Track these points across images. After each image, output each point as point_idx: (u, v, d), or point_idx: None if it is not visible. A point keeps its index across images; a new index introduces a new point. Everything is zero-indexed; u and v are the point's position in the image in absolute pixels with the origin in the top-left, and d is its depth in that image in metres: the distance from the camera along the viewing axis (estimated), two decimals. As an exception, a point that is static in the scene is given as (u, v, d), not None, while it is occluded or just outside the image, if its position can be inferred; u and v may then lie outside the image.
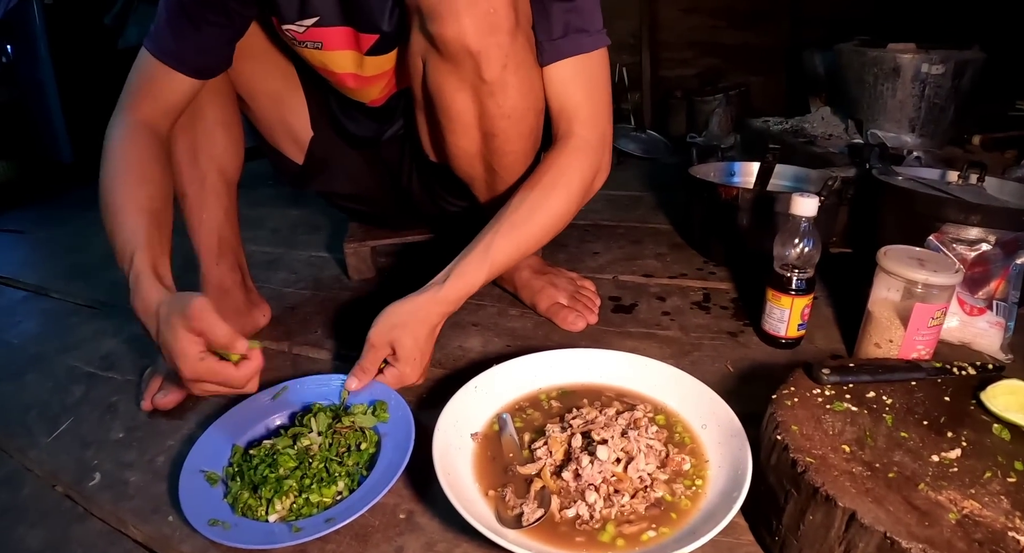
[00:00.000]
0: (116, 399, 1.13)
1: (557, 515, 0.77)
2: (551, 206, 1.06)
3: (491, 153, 1.11)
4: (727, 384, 1.11)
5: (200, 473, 0.88)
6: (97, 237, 2.03)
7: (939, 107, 2.05)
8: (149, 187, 0.97)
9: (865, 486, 0.68)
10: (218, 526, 0.80)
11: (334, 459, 0.90)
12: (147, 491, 0.92)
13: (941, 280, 1.02)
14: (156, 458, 0.98)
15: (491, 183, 1.19)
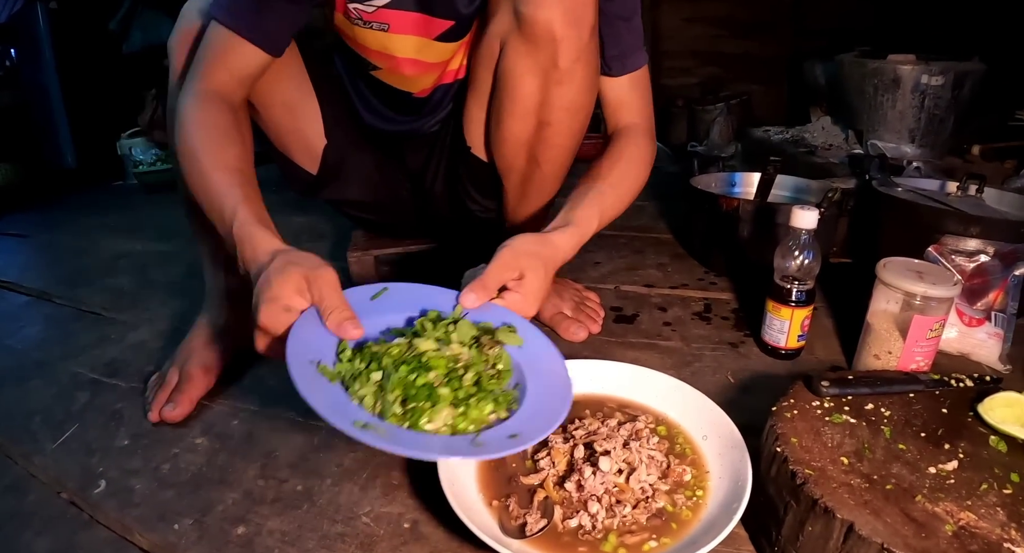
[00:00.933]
0: (121, 406, 1.14)
1: (560, 525, 0.79)
2: (636, 174, 1.14)
3: (540, 142, 1.15)
4: (728, 395, 1.11)
5: (311, 364, 0.73)
6: (97, 240, 2.06)
7: (939, 118, 2.07)
8: (236, 148, 0.97)
9: (863, 498, 0.69)
10: (370, 431, 0.67)
11: (489, 372, 0.80)
12: (153, 499, 0.92)
13: (939, 292, 1.03)
14: (162, 466, 0.98)
15: (528, 176, 1.21)
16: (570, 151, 1.20)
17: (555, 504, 0.81)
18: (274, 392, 1.17)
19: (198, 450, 1.02)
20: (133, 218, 2.28)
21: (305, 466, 0.98)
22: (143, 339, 1.36)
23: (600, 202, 1.05)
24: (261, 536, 0.85)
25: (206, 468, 0.98)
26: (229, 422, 1.08)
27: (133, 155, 2.62)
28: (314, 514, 0.88)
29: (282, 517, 0.88)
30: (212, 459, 1.00)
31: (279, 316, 0.75)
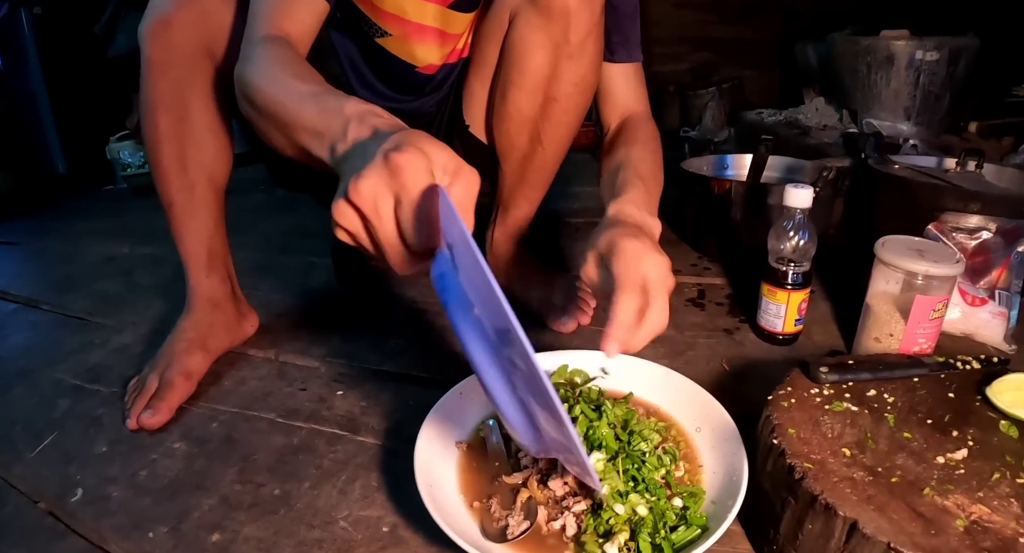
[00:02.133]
0: (101, 412, 1.09)
1: (544, 527, 0.73)
2: (658, 155, 1.09)
3: (545, 120, 1.12)
4: (723, 384, 1.06)
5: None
6: (85, 245, 2.02)
7: (934, 95, 2.01)
8: (311, 72, 0.82)
9: (867, 493, 0.63)
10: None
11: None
12: (129, 506, 0.88)
13: (942, 271, 0.98)
14: (139, 472, 0.94)
15: (529, 156, 1.18)
16: (573, 131, 1.17)
17: (539, 504, 0.75)
18: (255, 393, 1.12)
19: (176, 455, 0.97)
20: (122, 222, 2.24)
21: (283, 469, 0.93)
22: (126, 343, 1.32)
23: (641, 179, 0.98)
24: (236, 543, 0.80)
25: (183, 474, 0.94)
26: (208, 425, 1.04)
27: (122, 158, 2.57)
28: (291, 519, 0.84)
29: (258, 523, 0.84)
30: (190, 464, 0.95)
31: (423, 173, 0.55)
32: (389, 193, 0.55)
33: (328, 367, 1.19)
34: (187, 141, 1.10)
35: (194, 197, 1.13)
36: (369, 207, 0.55)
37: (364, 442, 0.98)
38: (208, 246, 1.17)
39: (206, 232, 1.17)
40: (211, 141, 1.13)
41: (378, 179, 0.54)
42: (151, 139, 1.09)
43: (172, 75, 1.05)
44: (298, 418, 1.05)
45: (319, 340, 1.29)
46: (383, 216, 0.55)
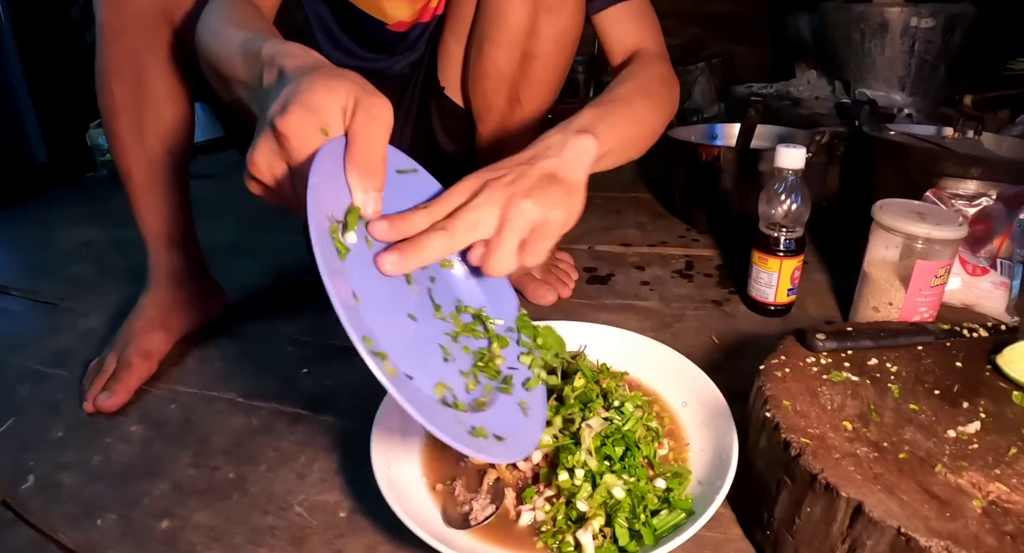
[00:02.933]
0: (60, 397, 1.02)
1: (512, 511, 0.65)
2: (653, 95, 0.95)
3: (523, 78, 1.04)
4: (712, 358, 0.99)
5: (327, 222, 0.54)
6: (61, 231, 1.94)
7: (929, 64, 1.93)
8: (255, 20, 0.76)
9: (873, 471, 0.55)
10: (380, 360, 0.52)
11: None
12: (80, 494, 0.82)
13: (944, 234, 0.90)
14: (93, 457, 0.87)
15: (506, 118, 1.10)
16: (554, 90, 1.09)
17: (507, 487, 0.66)
18: (218, 373, 1.05)
19: (132, 439, 0.90)
20: (98, 207, 2.15)
21: (240, 452, 0.86)
22: (92, 327, 1.25)
23: (607, 111, 0.82)
24: (186, 531, 0.74)
25: (138, 458, 0.87)
26: (166, 408, 0.97)
27: (101, 144, 2.48)
28: (244, 505, 0.77)
29: (210, 509, 0.77)
30: (145, 448, 0.89)
31: (312, 134, 0.52)
32: (281, 161, 0.53)
33: (296, 346, 1.11)
34: (144, 110, 1.01)
35: (153, 168, 1.05)
36: (267, 178, 0.55)
37: (326, 422, 0.91)
38: (169, 220, 1.09)
39: (166, 205, 1.08)
40: (170, 110, 1.04)
41: (268, 151, 0.53)
42: (106, 108, 1.01)
43: (127, 41, 0.97)
44: (259, 398, 0.97)
45: (289, 318, 1.21)
46: (283, 185, 0.55)
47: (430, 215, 0.61)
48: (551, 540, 0.60)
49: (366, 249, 0.60)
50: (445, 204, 0.62)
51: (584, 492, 0.61)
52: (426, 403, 0.55)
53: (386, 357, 0.53)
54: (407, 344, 0.59)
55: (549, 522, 0.62)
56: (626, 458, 0.64)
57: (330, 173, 0.54)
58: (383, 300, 0.59)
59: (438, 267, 0.72)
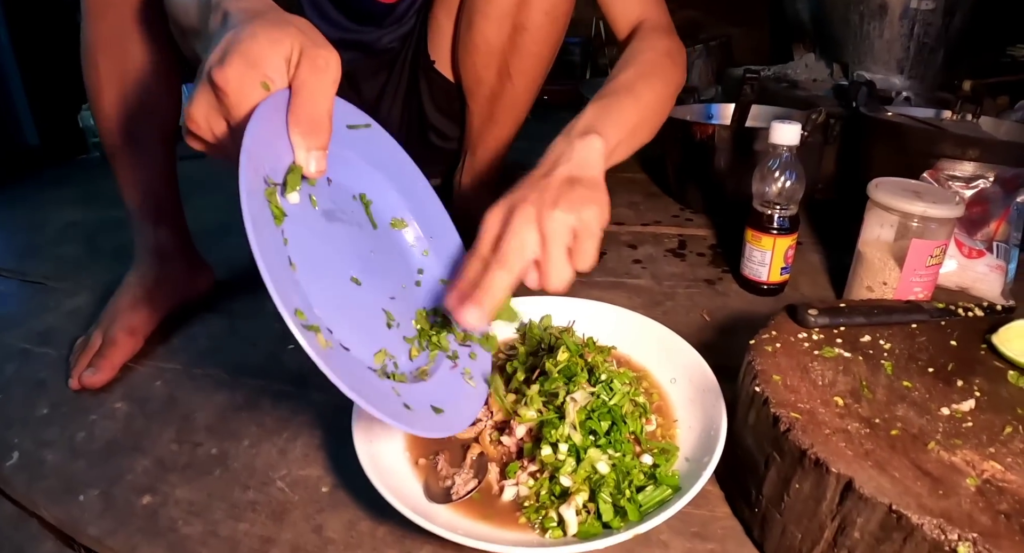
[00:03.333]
0: (46, 375, 1.00)
1: (495, 486, 0.63)
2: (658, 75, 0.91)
3: (514, 51, 1.02)
4: (703, 336, 0.97)
5: (263, 184, 0.52)
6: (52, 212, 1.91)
7: (929, 47, 1.90)
8: None
9: (864, 447, 0.53)
10: (313, 334, 0.50)
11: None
12: (62, 470, 0.80)
13: (941, 212, 0.88)
14: (77, 434, 0.86)
15: (498, 92, 1.07)
16: (545, 64, 1.06)
17: (491, 462, 0.65)
18: (203, 350, 1.03)
19: (116, 416, 0.89)
20: (89, 188, 2.13)
21: (223, 428, 0.85)
22: (79, 305, 1.23)
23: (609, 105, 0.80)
24: (167, 506, 0.73)
25: (121, 435, 0.85)
26: (152, 384, 0.95)
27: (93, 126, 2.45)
28: (226, 480, 0.76)
29: (192, 485, 0.76)
30: (129, 425, 0.87)
31: (252, 88, 0.50)
32: (220, 117, 0.51)
33: (282, 323, 1.08)
34: (129, 85, 0.99)
35: (138, 144, 1.02)
36: (207, 134, 0.52)
37: (311, 398, 0.89)
38: (155, 196, 1.06)
39: (152, 181, 1.05)
40: (155, 85, 1.01)
41: (206, 105, 0.50)
42: (92, 84, 0.98)
43: (112, 17, 0.94)
44: (244, 374, 0.95)
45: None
46: (223, 142, 0.52)
47: (479, 257, 0.61)
48: (534, 515, 0.59)
49: (309, 210, 0.57)
50: (486, 241, 0.61)
51: (568, 467, 0.59)
52: (362, 376, 0.54)
53: (318, 330, 0.50)
54: (348, 310, 0.58)
55: (532, 497, 0.60)
56: (612, 433, 0.62)
57: (271, 130, 0.51)
58: (323, 265, 0.58)
59: (388, 226, 0.70)
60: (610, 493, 0.57)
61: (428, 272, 0.74)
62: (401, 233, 0.72)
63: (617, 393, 0.66)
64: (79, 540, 0.70)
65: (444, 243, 0.76)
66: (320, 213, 0.60)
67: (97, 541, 0.69)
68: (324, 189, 0.62)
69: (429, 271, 0.74)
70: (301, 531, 0.67)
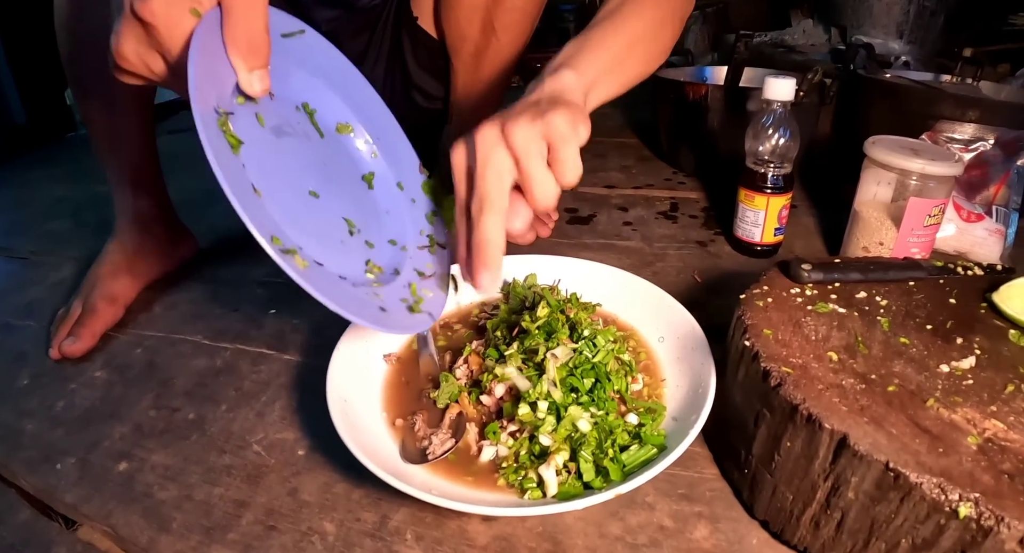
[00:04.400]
0: (27, 347, 0.98)
1: (474, 447, 0.60)
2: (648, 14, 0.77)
3: (497, 5, 0.97)
4: (693, 296, 0.94)
5: (215, 116, 0.50)
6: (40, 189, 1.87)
7: (929, 11, 1.85)
8: None
9: (859, 403, 0.50)
10: (290, 257, 0.49)
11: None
12: (40, 439, 0.78)
13: (940, 170, 0.85)
14: (56, 404, 0.84)
15: (482, 48, 1.03)
16: (531, 18, 1.01)
17: (470, 421, 0.61)
18: (184, 317, 1.00)
19: (95, 384, 0.87)
20: (76, 165, 2.09)
21: (201, 392, 0.82)
22: (63, 278, 1.20)
23: (586, 39, 0.71)
24: (143, 472, 0.71)
25: (100, 402, 0.83)
26: (132, 352, 0.92)
27: (80, 103, 2.41)
28: (202, 445, 0.74)
29: (168, 450, 0.73)
30: (108, 392, 0.85)
31: (182, 17, 0.47)
32: (154, 52, 0.48)
33: (265, 288, 1.06)
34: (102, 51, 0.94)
35: (115, 111, 0.98)
36: (142, 70, 0.49)
37: (290, 361, 0.86)
38: (134, 163, 1.03)
39: (130, 147, 1.02)
40: None
41: (135, 40, 0.48)
42: (65, 51, 0.94)
43: None
44: (224, 339, 0.92)
45: (259, 262, 1.15)
46: (162, 76, 0.50)
47: (463, 209, 0.58)
48: (513, 476, 0.55)
49: (259, 130, 0.55)
50: (461, 182, 0.59)
51: (548, 426, 0.56)
52: (340, 288, 0.53)
53: (295, 252, 0.49)
54: (312, 225, 0.57)
55: (511, 457, 0.57)
56: (595, 391, 0.59)
57: (210, 57, 0.49)
58: (283, 185, 0.56)
59: (335, 133, 0.68)
60: (592, 452, 0.54)
61: (380, 175, 0.71)
62: (348, 138, 0.69)
63: (601, 350, 0.62)
64: (56, 508, 0.68)
65: (391, 142, 0.74)
66: (269, 130, 0.57)
67: (72, 508, 0.67)
68: (268, 105, 0.59)
69: (381, 174, 0.71)
70: (276, 494, 0.65)
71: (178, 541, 0.61)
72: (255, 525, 0.62)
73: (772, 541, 0.56)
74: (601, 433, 0.56)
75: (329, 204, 0.61)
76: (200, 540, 0.61)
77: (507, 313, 0.75)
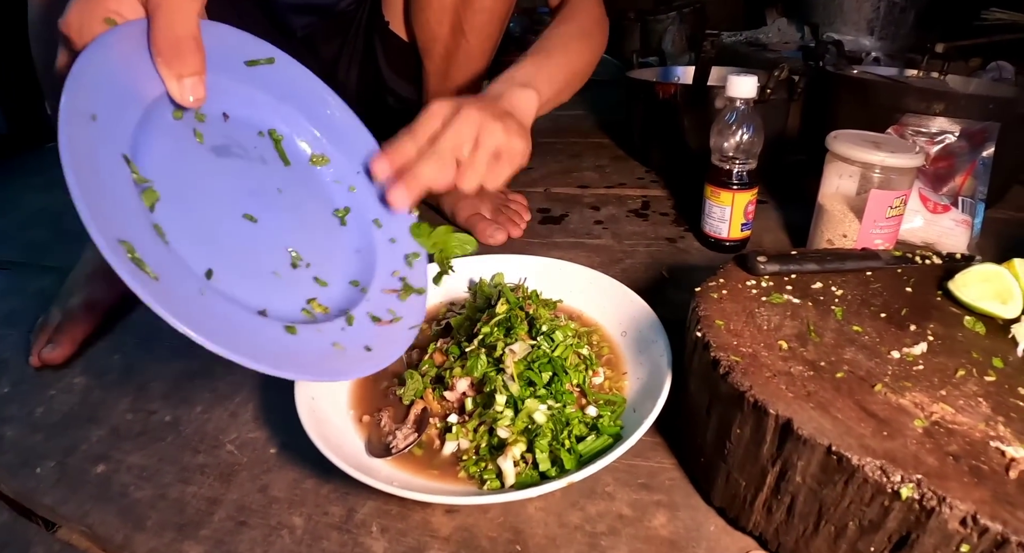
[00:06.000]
0: (8, 355, 0.98)
1: (437, 441, 0.60)
2: (581, 36, 0.97)
3: (466, 7, 0.98)
4: (661, 292, 0.94)
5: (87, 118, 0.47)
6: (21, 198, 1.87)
7: (899, 7, 1.86)
8: None
9: (806, 389, 0.50)
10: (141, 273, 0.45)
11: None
12: (20, 444, 0.79)
13: (900, 162, 0.85)
14: (35, 410, 0.84)
15: (452, 50, 1.04)
16: (500, 20, 1.02)
17: (433, 417, 0.62)
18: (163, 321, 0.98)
19: (74, 390, 0.87)
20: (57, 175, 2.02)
21: (177, 395, 0.83)
22: (44, 286, 1.20)
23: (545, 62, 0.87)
24: (119, 473, 0.71)
25: (78, 407, 0.84)
26: (111, 357, 0.93)
27: (61, 113, 2.39)
28: (177, 445, 0.74)
29: (144, 451, 0.74)
30: (86, 397, 0.85)
31: (95, 24, 0.47)
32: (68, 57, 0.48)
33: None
34: None
35: None
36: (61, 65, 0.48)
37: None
38: None
39: None
40: None
41: (64, 54, 0.48)
42: (41, 62, 0.94)
43: None
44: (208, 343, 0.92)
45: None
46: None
47: (415, 141, 0.64)
48: (473, 468, 0.56)
49: (191, 145, 0.54)
50: (425, 129, 0.65)
51: (505, 419, 0.57)
52: (230, 316, 0.50)
53: (143, 264, 0.45)
54: (233, 249, 0.54)
55: (472, 451, 0.58)
56: (553, 384, 0.60)
57: (129, 66, 0.48)
58: (204, 200, 0.54)
59: (307, 164, 0.67)
60: (548, 443, 0.55)
61: (356, 211, 0.68)
62: (322, 170, 0.67)
63: (559, 345, 0.63)
64: (36, 511, 0.68)
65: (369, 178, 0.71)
66: (208, 149, 0.56)
67: (51, 510, 0.67)
68: (218, 125, 0.58)
69: (357, 210, 0.68)
70: (247, 491, 0.66)
71: (152, 538, 0.62)
72: (226, 521, 0.62)
73: (728, 528, 0.57)
74: (557, 425, 0.56)
75: (269, 232, 0.58)
76: (174, 537, 0.61)
77: (472, 311, 0.75)
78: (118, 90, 0.48)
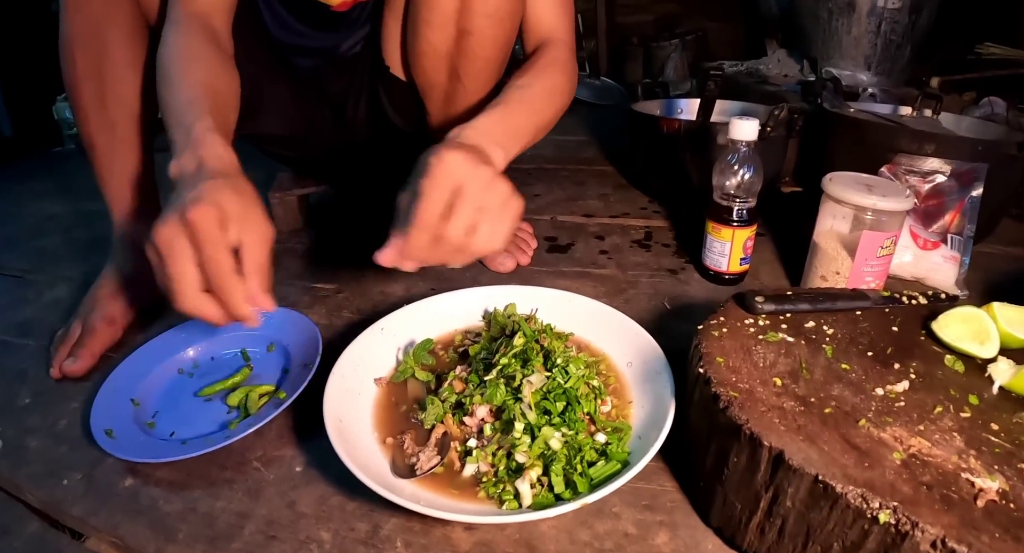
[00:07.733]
0: (27, 365, 1.02)
1: (457, 463, 0.66)
2: (552, 83, 0.99)
3: (461, 55, 1.01)
4: (663, 322, 1.00)
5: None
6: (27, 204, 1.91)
7: (896, 44, 1.94)
8: (208, 66, 0.88)
9: (796, 422, 0.57)
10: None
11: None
12: (45, 455, 0.82)
13: (891, 205, 0.92)
14: (59, 422, 0.88)
15: (451, 93, 1.07)
16: (496, 64, 1.05)
17: (454, 440, 0.68)
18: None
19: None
20: (65, 180, 2.11)
21: None
22: (59, 297, 1.24)
23: (514, 121, 0.90)
24: (148, 487, 0.75)
25: None
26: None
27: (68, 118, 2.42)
28: (204, 461, 0.78)
29: (171, 466, 0.78)
30: None
31: (213, 229, 0.64)
32: (186, 242, 0.62)
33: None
34: (106, 78, 1.00)
35: (115, 136, 1.03)
36: (167, 251, 0.63)
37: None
38: (132, 189, 1.07)
39: (130, 174, 1.06)
40: (132, 77, 1.02)
41: (175, 230, 0.62)
42: (69, 78, 0.99)
43: (89, 11, 0.96)
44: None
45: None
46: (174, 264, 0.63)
47: (424, 230, 0.67)
48: (492, 489, 0.62)
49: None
50: (432, 214, 0.67)
51: (523, 445, 0.63)
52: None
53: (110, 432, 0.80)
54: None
55: (491, 473, 0.64)
56: (566, 413, 0.66)
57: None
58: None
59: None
60: (563, 468, 0.61)
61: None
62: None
63: (572, 376, 0.69)
64: (63, 521, 0.72)
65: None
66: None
67: (80, 521, 0.71)
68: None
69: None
70: (276, 506, 0.70)
71: (184, 550, 0.66)
72: (256, 534, 0.67)
73: (725, 547, 0.63)
74: (571, 451, 0.63)
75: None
76: (205, 549, 0.66)
77: (488, 341, 0.82)
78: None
